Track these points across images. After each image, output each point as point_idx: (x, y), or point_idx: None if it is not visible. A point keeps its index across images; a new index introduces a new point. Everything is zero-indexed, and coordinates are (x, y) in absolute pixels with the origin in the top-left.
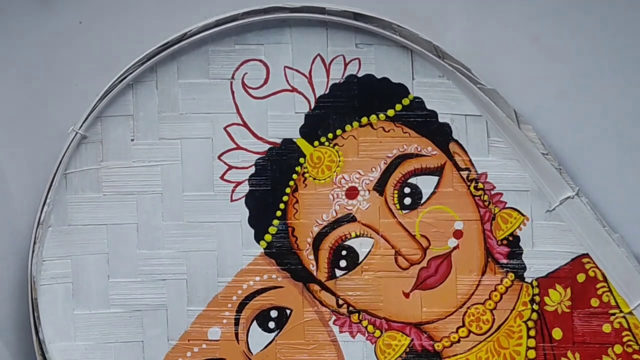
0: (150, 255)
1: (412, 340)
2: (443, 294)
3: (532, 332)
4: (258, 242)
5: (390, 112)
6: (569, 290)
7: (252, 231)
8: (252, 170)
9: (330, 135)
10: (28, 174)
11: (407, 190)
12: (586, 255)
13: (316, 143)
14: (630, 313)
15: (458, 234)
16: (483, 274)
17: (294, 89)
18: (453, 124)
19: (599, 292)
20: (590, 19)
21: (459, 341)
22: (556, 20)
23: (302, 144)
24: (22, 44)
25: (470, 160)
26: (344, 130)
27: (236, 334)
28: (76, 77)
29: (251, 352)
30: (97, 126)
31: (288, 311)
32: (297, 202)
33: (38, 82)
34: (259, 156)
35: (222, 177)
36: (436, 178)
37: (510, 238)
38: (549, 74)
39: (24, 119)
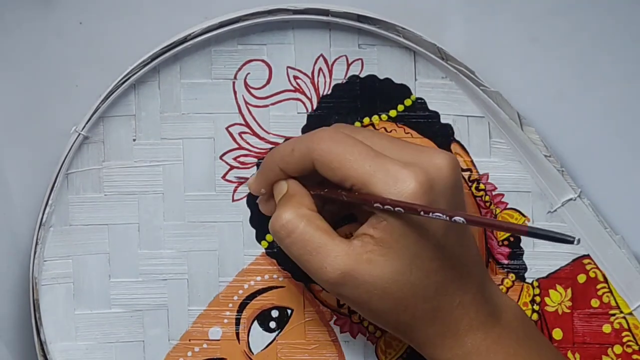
0: (151, 255)
1: None
2: None
3: None
4: (259, 242)
5: (393, 113)
6: (569, 290)
7: (254, 231)
8: (254, 170)
9: None
10: (28, 174)
11: None
12: (587, 256)
13: None
14: (631, 314)
15: None
16: None
17: (296, 89)
18: (455, 125)
19: (600, 292)
20: (592, 19)
21: None
22: (558, 21)
23: None
24: (22, 44)
25: (471, 161)
26: None
27: (237, 334)
28: (76, 78)
29: (252, 352)
30: (99, 126)
31: (289, 311)
32: None
33: (38, 82)
34: (260, 156)
35: (223, 177)
36: None
37: (511, 239)
38: (551, 76)
39: (24, 119)
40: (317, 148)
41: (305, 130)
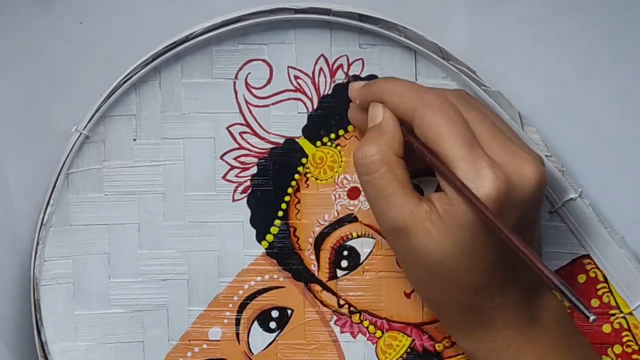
0: (151, 255)
1: (413, 340)
2: None
3: None
4: (259, 242)
5: None
6: None
7: (254, 231)
8: (254, 170)
9: (332, 136)
10: (28, 174)
11: None
12: (587, 256)
13: (318, 143)
14: (630, 314)
15: None
16: None
17: (297, 89)
18: None
19: (599, 292)
20: (594, 19)
21: None
22: (559, 20)
23: (305, 144)
24: (22, 44)
25: None
26: (346, 131)
27: (237, 334)
28: (76, 78)
29: (252, 353)
30: (99, 126)
31: (289, 311)
32: (299, 202)
33: (38, 82)
34: (261, 156)
35: (224, 177)
36: None
37: None
38: (552, 75)
39: (24, 119)
40: (419, 114)
41: (305, 130)
